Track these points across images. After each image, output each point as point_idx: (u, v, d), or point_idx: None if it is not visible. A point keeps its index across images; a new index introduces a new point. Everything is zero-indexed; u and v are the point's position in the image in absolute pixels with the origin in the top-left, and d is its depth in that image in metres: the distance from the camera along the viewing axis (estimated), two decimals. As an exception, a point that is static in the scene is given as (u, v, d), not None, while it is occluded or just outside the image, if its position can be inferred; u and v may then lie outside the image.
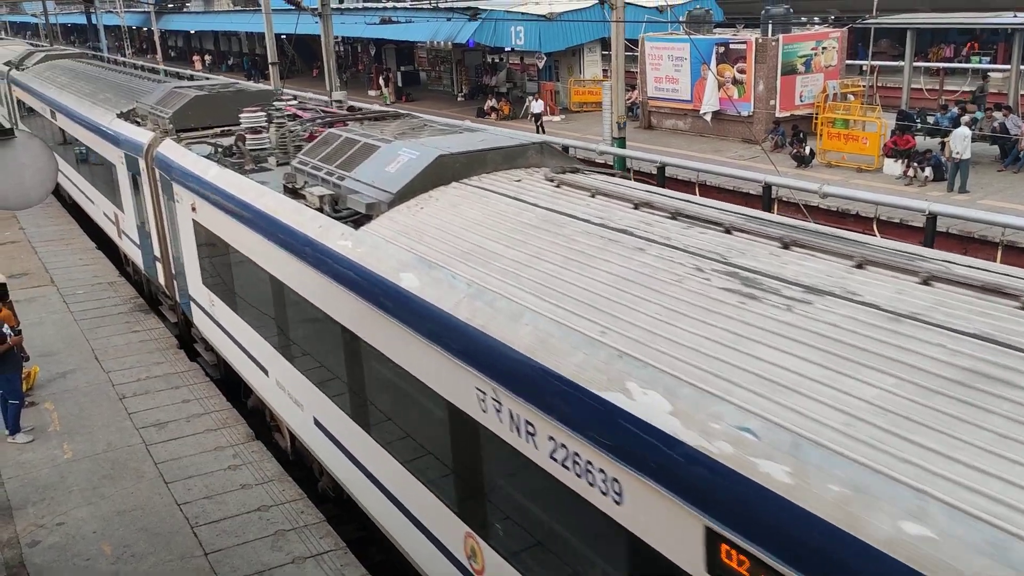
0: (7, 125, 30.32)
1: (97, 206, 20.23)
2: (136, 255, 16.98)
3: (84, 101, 20.13)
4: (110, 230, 19.22)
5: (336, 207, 8.63)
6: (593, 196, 7.30)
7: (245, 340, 11.42)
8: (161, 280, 15.44)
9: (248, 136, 12.21)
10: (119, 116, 16.66)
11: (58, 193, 26.84)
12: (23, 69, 30.48)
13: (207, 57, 67.55)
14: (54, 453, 11.10)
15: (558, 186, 7.74)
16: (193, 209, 12.19)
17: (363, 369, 7.95)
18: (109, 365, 13.77)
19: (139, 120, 15.86)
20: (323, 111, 14.13)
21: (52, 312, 16.22)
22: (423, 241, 7.22)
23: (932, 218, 14.80)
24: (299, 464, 11.08)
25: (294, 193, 9.54)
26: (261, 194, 10.07)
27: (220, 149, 12.33)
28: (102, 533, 9.34)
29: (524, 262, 6.31)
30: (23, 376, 12.28)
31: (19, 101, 30.57)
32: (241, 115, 12.81)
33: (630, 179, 8.75)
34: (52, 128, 24.35)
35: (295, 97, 15.92)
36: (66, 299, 16.94)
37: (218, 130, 13.93)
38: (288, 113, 12.81)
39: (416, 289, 6.74)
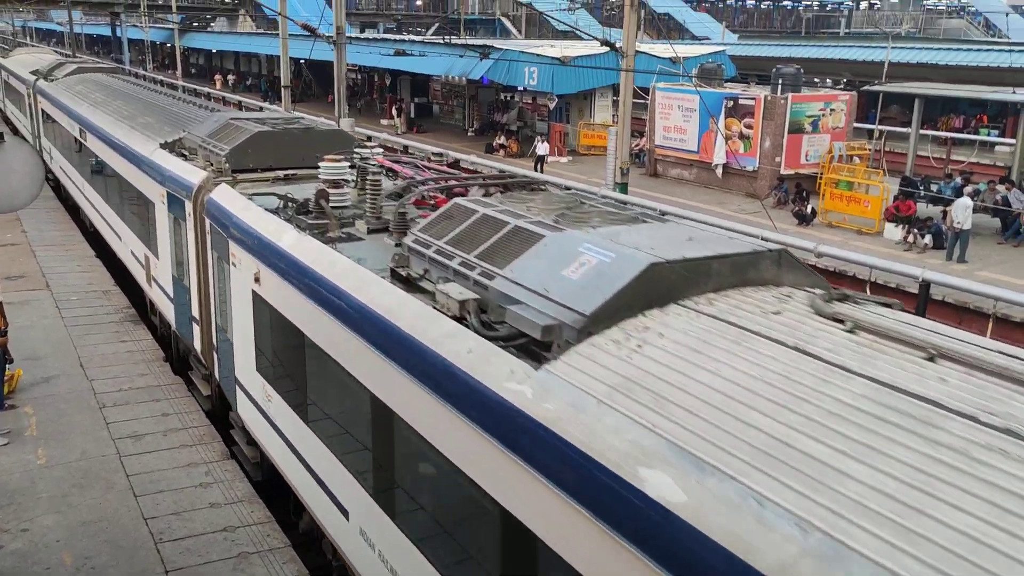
0: (28, 141, 28.99)
1: (124, 243, 17.68)
2: (167, 308, 14.44)
3: (121, 124, 17.88)
4: (137, 272, 16.79)
5: (485, 319, 6.04)
6: (932, 359, 4.69)
7: (315, 461, 8.67)
8: (197, 346, 12.83)
9: (330, 192, 9.67)
10: (162, 147, 14.47)
11: (61, 197, 27.01)
12: (52, 80, 28.59)
13: (229, 77, 67.55)
14: (28, 458, 11.04)
15: (851, 330, 5.10)
16: (256, 280, 9.65)
17: None
18: (93, 373, 13.75)
19: (186, 154, 13.61)
20: (424, 165, 11.60)
21: (43, 316, 16.24)
22: (668, 413, 4.54)
23: (925, 285, 14.82)
24: (270, 485, 10.99)
25: (408, 283, 7.09)
26: (363, 282, 7.41)
27: (292, 204, 9.73)
28: (65, 543, 9.26)
29: (895, 493, 3.69)
30: (6, 378, 12.29)
31: (44, 113, 28.72)
32: (321, 163, 10.13)
33: (910, 313, 5.98)
34: (79, 147, 22.21)
35: (380, 144, 13.86)
36: (59, 304, 16.96)
37: (281, 174, 11.86)
38: (381, 166, 10.72)
39: (690, 515, 4.03)
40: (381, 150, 11.39)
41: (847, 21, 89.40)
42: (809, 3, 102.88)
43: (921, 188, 24.74)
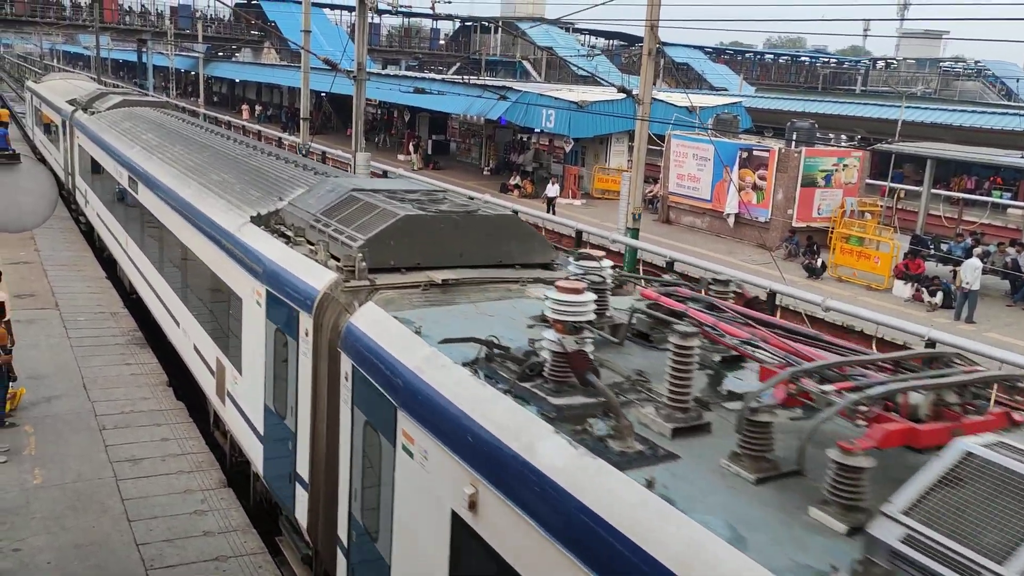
0: (59, 176, 26.54)
1: (184, 331, 13.97)
2: (250, 443, 10.52)
3: (188, 180, 14.38)
4: (200, 373, 13.00)
5: None
6: None
7: None
8: (301, 518, 8.94)
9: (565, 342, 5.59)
10: (255, 221, 10.87)
11: (75, 219, 27.26)
12: (92, 112, 25.24)
13: (257, 107, 66.92)
14: (24, 477, 11.04)
15: None
16: (471, 507, 5.65)
17: None
18: (96, 395, 13.78)
19: (290, 235, 10.02)
20: (726, 307, 6.34)
21: (50, 336, 16.32)
22: None
23: (931, 344, 14.76)
24: (265, 515, 10.93)
25: None
26: None
27: (506, 360, 6.12)
28: (56, 565, 9.21)
29: None
30: (8, 396, 12.33)
31: (81, 150, 25.24)
32: (552, 293, 5.71)
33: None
34: (126, 198, 18.60)
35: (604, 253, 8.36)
36: (67, 324, 17.06)
37: (437, 277, 8.27)
38: (653, 304, 6.58)
39: None
40: (610, 264, 7.25)
41: (863, 79, 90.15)
42: (826, 60, 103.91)
43: (931, 247, 24.75)
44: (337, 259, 8.59)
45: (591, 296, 5.79)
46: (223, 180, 13.48)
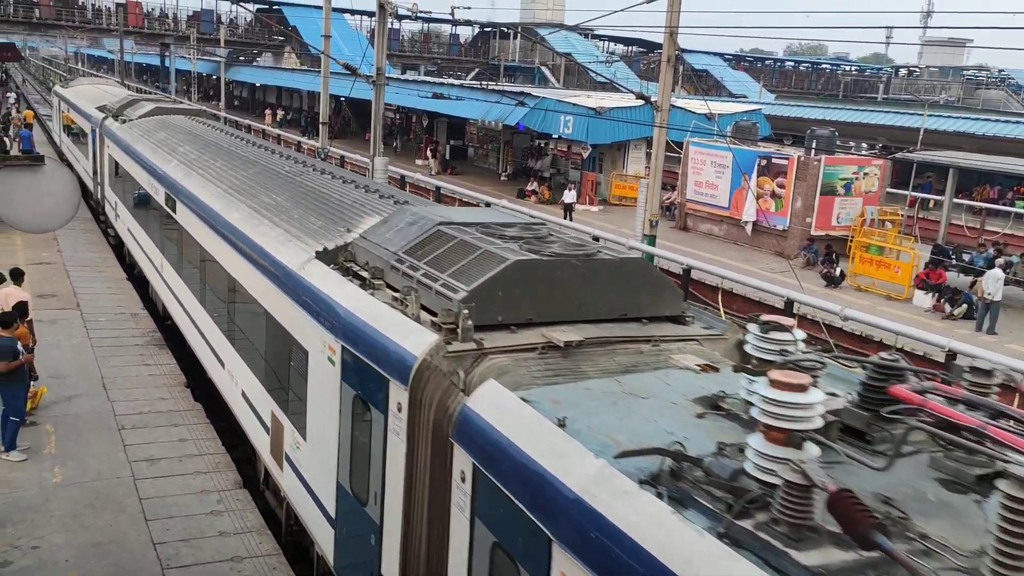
0: (88, 184, 24.69)
1: (234, 379, 12.22)
2: (317, 523, 8.94)
3: (235, 202, 12.81)
4: (253, 429, 11.29)
5: None
6: None
7: None
8: None
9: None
10: (320, 257, 9.38)
11: (98, 219, 27.51)
12: (123, 120, 24.17)
13: (280, 112, 66.67)
14: (44, 475, 11.15)
15: None
16: None
17: None
18: (115, 395, 13.90)
19: (366, 276, 8.49)
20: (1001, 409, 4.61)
21: (71, 336, 16.48)
22: None
23: (952, 355, 14.65)
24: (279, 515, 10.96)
25: None
26: None
27: (721, 493, 4.41)
28: (74, 563, 9.30)
29: None
30: (29, 395, 12.46)
31: (112, 160, 23.87)
32: (779, 393, 4.24)
33: None
34: (162, 215, 17.31)
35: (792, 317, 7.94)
36: (87, 324, 17.22)
37: (557, 338, 6.67)
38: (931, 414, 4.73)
39: None
40: (803, 336, 5.94)
41: (885, 87, 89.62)
42: (848, 67, 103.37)
43: (953, 257, 24.55)
44: (432, 313, 7.17)
45: (819, 395, 4.31)
46: (276, 203, 11.95)
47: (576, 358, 6.54)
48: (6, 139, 31.55)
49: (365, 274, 8.54)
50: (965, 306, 21.74)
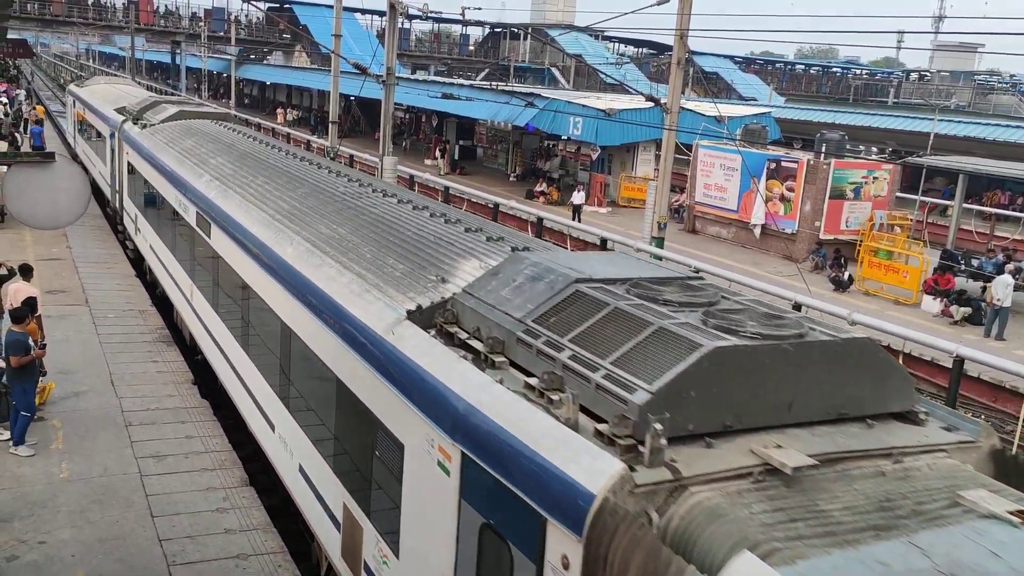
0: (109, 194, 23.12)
1: (288, 449, 10.19)
2: None
3: (287, 233, 10.63)
4: (315, 516, 9.29)
5: None
6: None
7: None
8: None
9: None
10: (413, 317, 7.34)
11: (106, 215, 27.60)
12: (144, 125, 22.26)
13: (292, 111, 66.15)
14: (51, 471, 11.20)
15: None
16: None
17: None
18: (123, 391, 13.95)
19: (480, 349, 6.57)
20: None
21: (80, 332, 16.55)
22: None
23: (960, 361, 14.59)
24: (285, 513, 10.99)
25: None
26: None
27: None
28: (80, 558, 9.34)
29: None
30: (38, 390, 12.52)
31: (131, 167, 22.16)
32: None
33: None
34: (193, 236, 15.01)
35: None
36: (96, 321, 17.29)
37: (782, 460, 4.84)
38: None
39: None
40: None
41: (896, 91, 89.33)
42: (858, 71, 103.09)
43: (962, 262, 24.47)
44: (595, 417, 5.34)
45: None
46: (339, 237, 9.81)
47: (806, 488, 4.76)
48: (17, 135, 31.66)
49: (479, 346, 6.53)
50: (969, 309, 21.66)
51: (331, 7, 32.37)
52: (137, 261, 22.42)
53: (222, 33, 73.45)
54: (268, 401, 10.92)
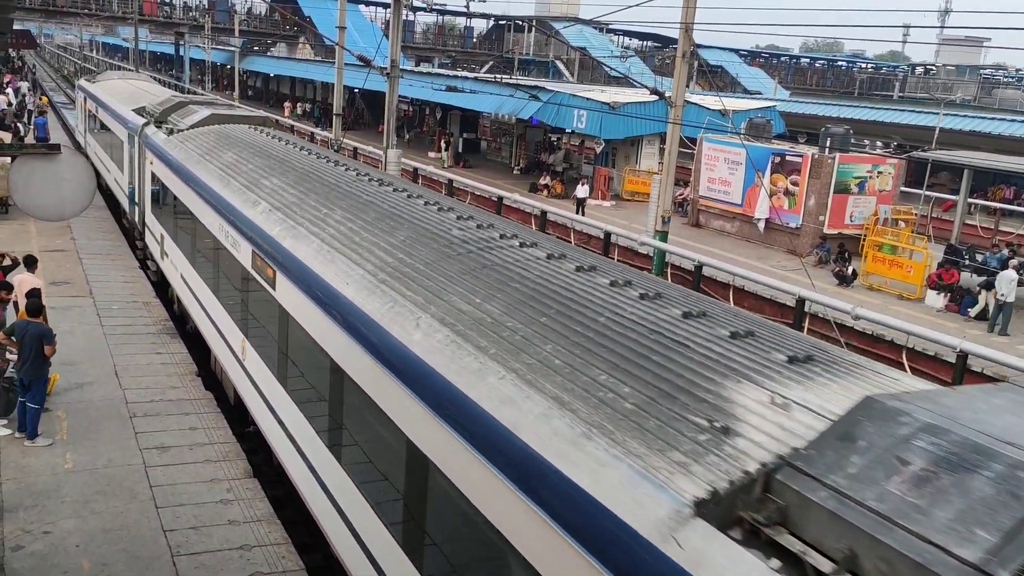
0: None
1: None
2: None
3: (410, 307, 7.17)
4: None
5: None
6: None
7: None
8: None
9: None
10: (702, 511, 4.03)
11: (110, 206, 27.60)
12: (170, 130, 19.20)
13: (301, 105, 65.38)
14: (56, 462, 11.24)
15: None
16: None
17: None
18: (127, 383, 13.99)
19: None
20: None
21: (84, 324, 16.59)
22: None
23: (963, 356, 14.59)
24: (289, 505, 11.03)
25: None
26: None
27: None
28: (84, 548, 9.38)
29: None
30: (43, 381, 12.56)
31: (157, 180, 18.87)
32: None
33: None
34: (249, 284, 11.63)
35: None
36: (100, 312, 17.32)
37: None
38: None
39: None
40: None
41: (901, 85, 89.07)
42: (864, 65, 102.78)
43: (966, 257, 24.42)
44: None
45: None
46: (494, 321, 6.46)
47: None
48: (21, 126, 31.68)
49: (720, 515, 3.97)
50: (981, 304, 21.62)
51: (335, -1, 32.29)
52: (160, 283, 19.88)
53: (225, 24, 73.35)
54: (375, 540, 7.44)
